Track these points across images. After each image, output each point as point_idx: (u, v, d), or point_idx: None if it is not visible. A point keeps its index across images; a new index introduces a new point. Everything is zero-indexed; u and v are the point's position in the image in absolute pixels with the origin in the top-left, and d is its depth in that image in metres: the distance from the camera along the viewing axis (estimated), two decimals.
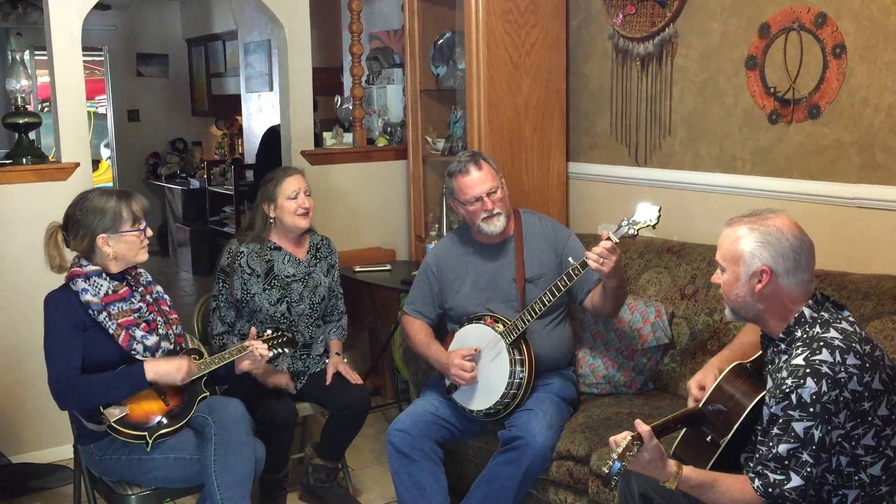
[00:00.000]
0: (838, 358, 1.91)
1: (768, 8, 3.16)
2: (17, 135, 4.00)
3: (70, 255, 2.78)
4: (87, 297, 2.67)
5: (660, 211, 2.69)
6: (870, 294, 2.69)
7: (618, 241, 2.70)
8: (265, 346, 2.92)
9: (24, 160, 3.89)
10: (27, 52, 8.61)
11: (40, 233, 2.78)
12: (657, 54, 3.59)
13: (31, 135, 4.05)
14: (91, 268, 2.72)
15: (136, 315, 2.76)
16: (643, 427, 1.94)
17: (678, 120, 3.56)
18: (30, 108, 4.10)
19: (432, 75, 4.34)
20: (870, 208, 2.93)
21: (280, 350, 3.00)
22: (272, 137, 6.24)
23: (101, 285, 2.71)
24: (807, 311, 2.04)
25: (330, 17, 6.34)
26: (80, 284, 2.68)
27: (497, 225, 3.05)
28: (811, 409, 1.89)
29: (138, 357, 2.71)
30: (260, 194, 3.38)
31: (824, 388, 1.88)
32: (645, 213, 2.70)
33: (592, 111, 3.97)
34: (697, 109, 3.48)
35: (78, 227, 2.71)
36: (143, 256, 2.79)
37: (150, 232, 2.78)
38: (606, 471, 1.89)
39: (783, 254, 2.02)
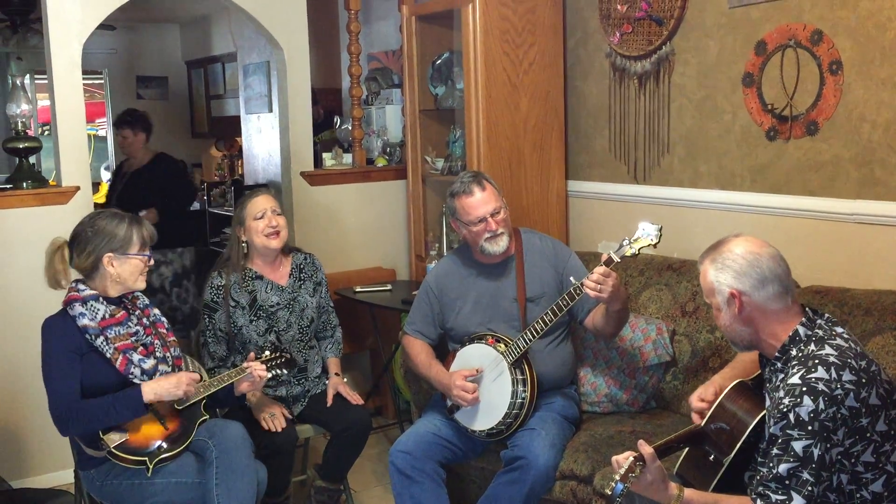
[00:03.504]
0: (834, 375, 1.91)
1: (764, 25, 3.17)
2: (17, 159, 4.01)
3: (73, 273, 2.78)
4: (85, 321, 2.68)
5: (660, 230, 2.69)
6: (871, 310, 2.68)
7: (618, 260, 2.71)
8: (263, 367, 2.91)
9: (24, 184, 3.89)
10: (27, 76, 8.63)
11: (41, 256, 2.78)
12: (654, 72, 3.61)
13: (32, 159, 4.06)
14: (89, 292, 2.72)
15: (133, 339, 2.76)
16: (647, 448, 1.93)
17: (676, 137, 3.57)
18: (30, 132, 4.12)
19: (431, 95, 4.35)
20: (869, 224, 2.93)
21: (278, 371, 2.99)
22: (176, 172, 5.92)
23: (98, 309, 2.71)
24: (801, 329, 2.05)
25: (328, 38, 6.37)
26: (78, 309, 2.69)
27: (500, 245, 3.05)
28: (809, 428, 1.88)
29: (136, 381, 2.70)
30: (232, 220, 3.36)
31: (822, 405, 1.88)
32: (645, 232, 2.70)
33: (591, 129, 3.98)
34: (695, 127, 3.48)
35: (86, 244, 2.72)
36: (142, 284, 2.80)
37: (152, 261, 2.79)
38: (609, 492, 1.88)
39: (742, 272, 2.07)
